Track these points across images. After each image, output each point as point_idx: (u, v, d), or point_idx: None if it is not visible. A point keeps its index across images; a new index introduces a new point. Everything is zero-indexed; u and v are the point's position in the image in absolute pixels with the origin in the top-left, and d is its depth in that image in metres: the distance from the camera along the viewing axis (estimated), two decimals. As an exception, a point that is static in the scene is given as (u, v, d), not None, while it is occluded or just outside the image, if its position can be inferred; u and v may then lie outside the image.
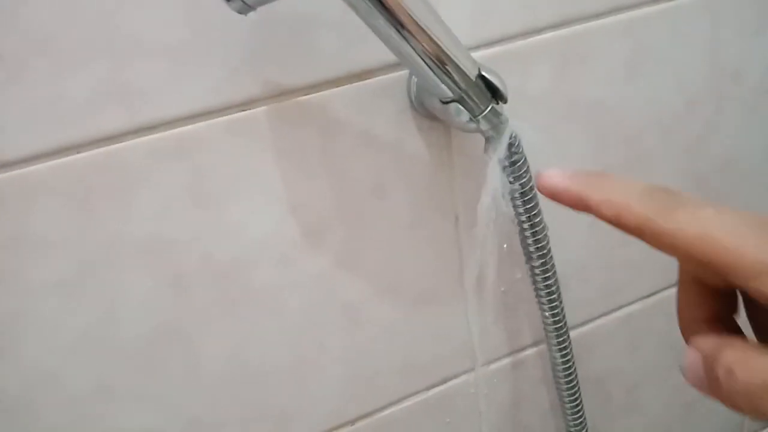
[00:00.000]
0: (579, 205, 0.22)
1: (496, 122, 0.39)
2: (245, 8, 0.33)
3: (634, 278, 0.58)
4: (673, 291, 0.24)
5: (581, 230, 0.54)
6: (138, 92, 0.35)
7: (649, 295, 0.60)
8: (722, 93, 0.54)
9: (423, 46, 0.33)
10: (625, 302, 0.59)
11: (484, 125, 0.38)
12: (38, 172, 0.35)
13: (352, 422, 0.50)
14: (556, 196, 0.22)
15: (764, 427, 0.74)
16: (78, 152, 0.35)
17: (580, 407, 0.55)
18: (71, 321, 0.38)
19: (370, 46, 0.36)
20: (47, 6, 0.33)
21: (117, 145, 0.36)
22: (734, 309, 0.23)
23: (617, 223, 0.21)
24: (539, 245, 0.47)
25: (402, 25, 0.33)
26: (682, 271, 0.24)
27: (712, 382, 0.20)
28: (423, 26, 0.33)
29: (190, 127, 0.37)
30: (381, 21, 0.32)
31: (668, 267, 0.57)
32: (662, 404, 0.66)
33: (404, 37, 0.33)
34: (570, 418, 0.56)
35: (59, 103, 0.34)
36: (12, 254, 0.36)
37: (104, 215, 0.37)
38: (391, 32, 0.33)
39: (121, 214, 0.37)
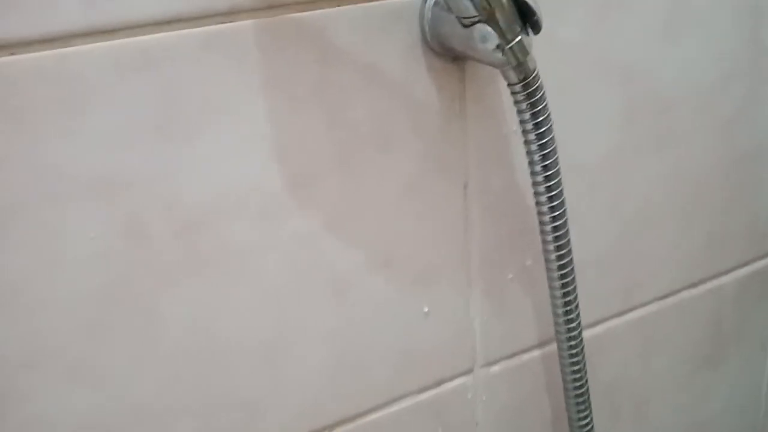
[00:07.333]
0: None
1: (522, 59, 0.33)
2: None
3: (654, 273, 0.52)
4: (693, 292, 0.22)
5: (602, 214, 0.48)
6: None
7: (666, 296, 0.54)
8: (762, 69, 0.49)
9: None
10: (639, 303, 0.53)
11: (511, 58, 0.32)
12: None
13: (331, 428, 0.42)
14: None
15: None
16: (14, 53, 0.28)
17: (589, 418, 0.49)
18: (-5, 266, 0.31)
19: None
20: None
21: (67, 49, 0.29)
22: None
23: None
24: (555, 214, 0.40)
25: None
26: None
27: None
28: None
29: (158, 35, 0.31)
30: None
31: (691, 263, 0.53)
32: (673, 422, 0.60)
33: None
34: (577, 428, 0.49)
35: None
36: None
37: (44, 136, 0.30)
38: None
39: (66, 137, 0.30)
